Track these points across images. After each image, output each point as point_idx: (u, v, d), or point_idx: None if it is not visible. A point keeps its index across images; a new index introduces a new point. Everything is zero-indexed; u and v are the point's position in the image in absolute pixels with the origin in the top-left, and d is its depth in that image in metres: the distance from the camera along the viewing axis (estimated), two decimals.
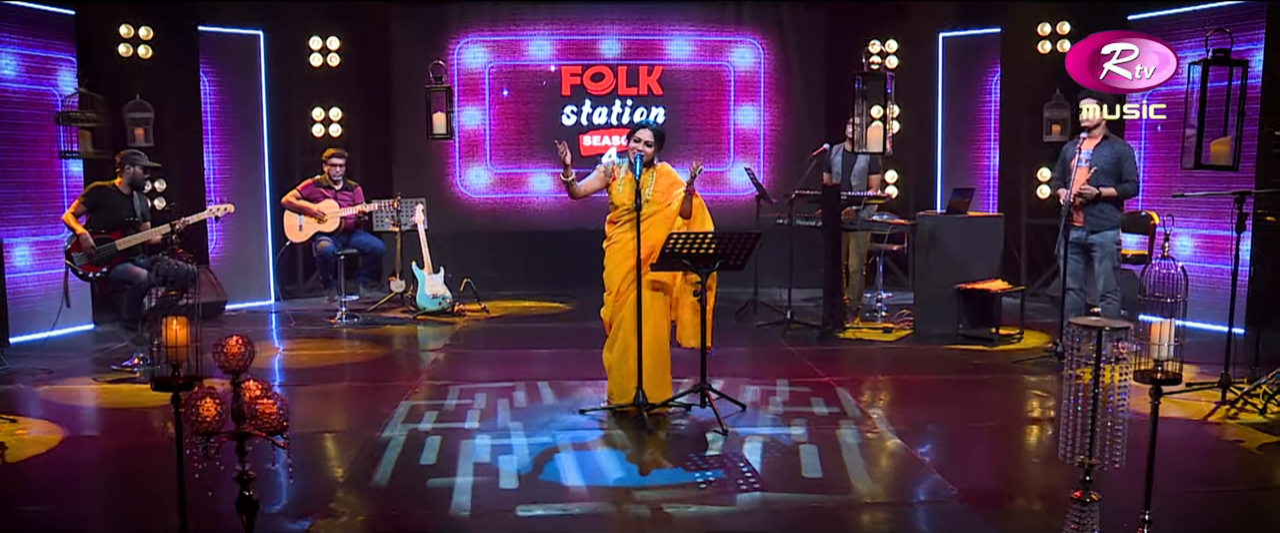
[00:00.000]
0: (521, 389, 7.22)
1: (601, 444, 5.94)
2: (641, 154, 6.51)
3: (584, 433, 6.15)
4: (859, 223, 9.48)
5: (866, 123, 8.38)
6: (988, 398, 7.19)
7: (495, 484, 5.26)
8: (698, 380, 6.45)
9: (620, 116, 12.17)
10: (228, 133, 10.95)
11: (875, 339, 9.09)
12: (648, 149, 6.56)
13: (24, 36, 9.20)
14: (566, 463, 5.58)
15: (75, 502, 5.25)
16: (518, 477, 5.36)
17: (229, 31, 10.92)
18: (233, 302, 10.79)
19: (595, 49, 12.20)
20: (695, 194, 6.54)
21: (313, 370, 8.39)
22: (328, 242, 10.08)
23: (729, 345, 8.84)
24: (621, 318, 6.53)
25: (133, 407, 6.97)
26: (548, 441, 5.98)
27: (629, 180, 6.51)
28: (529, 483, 5.28)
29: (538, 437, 6.05)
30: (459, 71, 12.05)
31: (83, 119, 9.05)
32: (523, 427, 6.26)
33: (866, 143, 8.27)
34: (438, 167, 12.15)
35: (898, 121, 11.99)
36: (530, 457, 5.68)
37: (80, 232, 8.11)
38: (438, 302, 10.35)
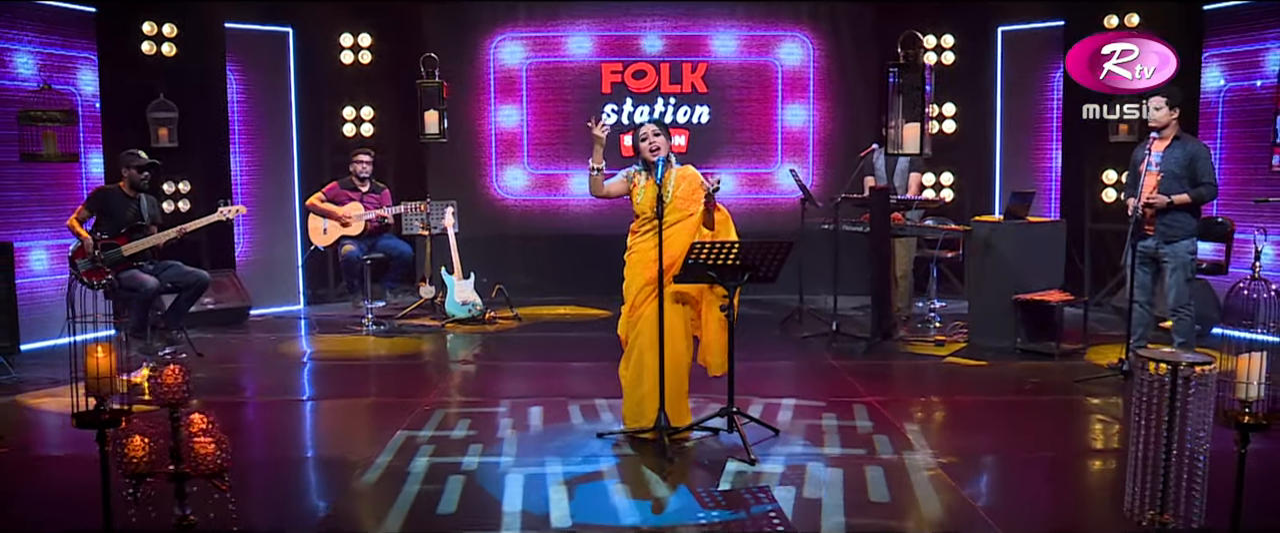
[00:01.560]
0: (539, 407, 6.76)
1: (614, 475, 5.44)
2: (662, 158, 6.00)
3: (597, 461, 5.66)
4: (907, 228, 8.88)
5: (902, 121, 7.79)
6: (1046, 424, 6.59)
7: (488, 523, 4.79)
8: (727, 401, 5.94)
9: (663, 115, 11.66)
10: (255, 133, 10.62)
11: (926, 353, 8.50)
12: (656, 141, 6.04)
13: (42, 34, 8.94)
14: (571, 497, 5.09)
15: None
16: (513, 514, 4.88)
17: (257, 28, 10.59)
18: (258, 307, 10.45)
19: (637, 45, 11.71)
20: (717, 207, 6.02)
21: (323, 381, 8.04)
22: (352, 246, 9.70)
23: (769, 358, 8.37)
24: (638, 333, 6.04)
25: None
26: (557, 471, 5.50)
27: (650, 186, 6.00)
28: (525, 522, 4.80)
29: (547, 466, 5.57)
30: (495, 69, 11.64)
31: (45, 118, 8.55)
32: (531, 453, 5.79)
33: (902, 143, 7.68)
34: (473, 168, 11.74)
35: (953, 121, 11.38)
36: (531, 489, 5.20)
37: (83, 237, 7.78)
38: (467, 309, 9.93)
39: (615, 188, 6.22)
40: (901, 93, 7.68)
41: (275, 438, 6.56)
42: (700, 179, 6.14)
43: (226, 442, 3.54)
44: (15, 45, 8.77)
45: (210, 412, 3.65)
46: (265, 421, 6.98)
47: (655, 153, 6.03)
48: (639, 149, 6.08)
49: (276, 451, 6.20)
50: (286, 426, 6.88)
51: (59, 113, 8.38)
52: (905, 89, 7.67)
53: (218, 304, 9.91)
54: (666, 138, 6.09)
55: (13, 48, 8.75)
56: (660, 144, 6.04)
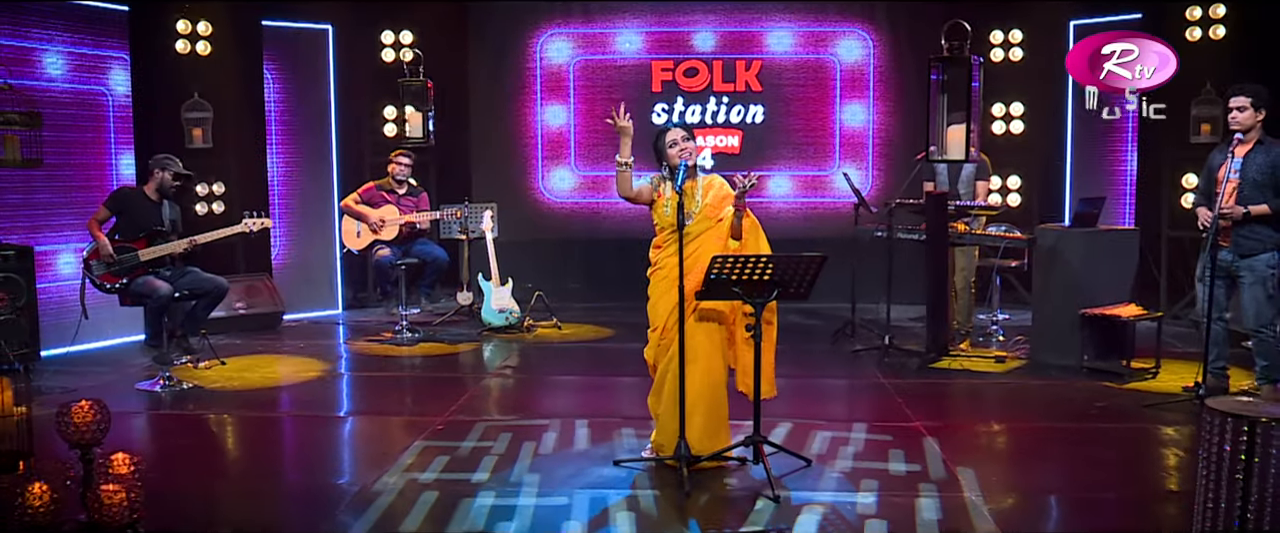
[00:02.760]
0: (555, 430, 6.33)
1: (623, 510, 4.98)
2: (685, 163, 5.54)
3: (608, 493, 5.20)
4: (966, 236, 8.30)
5: (944, 123, 7.21)
6: (1112, 456, 5.99)
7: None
8: (760, 426, 5.46)
9: (716, 115, 11.21)
10: (293, 133, 10.36)
11: (984, 371, 7.92)
12: (687, 147, 5.58)
13: (73, 33, 8.75)
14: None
15: None
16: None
17: (295, 26, 10.33)
18: (293, 312, 10.20)
19: (688, 42, 11.25)
20: (746, 212, 5.54)
21: (335, 393, 7.78)
22: (386, 251, 9.37)
23: (814, 375, 7.88)
24: (671, 358, 5.56)
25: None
26: (562, 502, 5.07)
27: (674, 199, 5.52)
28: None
29: (552, 497, 5.14)
30: (542, 67, 11.28)
31: (3, 121, 7.91)
32: (539, 482, 5.36)
33: (945, 148, 7.10)
34: (519, 169, 11.38)
35: (1021, 121, 10.73)
36: (534, 524, 4.78)
37: (100, 239, 7.53)
38: (504, 317, 9.55)
39: (643, 192, 5.77)
40: (945, 91, 7.05)
41: (266, 456, 6.27)
42: (728, 188, 5.65)
43: (139, 490, 3.15)
44: (45, 45, 8.58)
45: (137, 455, 3.27)
46: (262, 436, 6.66)
47: (682, 155, 5.57)
48: (665, 155, 5.63)
49: (261, 471, 5.90)
50: (282, 442, 6.60)
51: (17, 115, 7.78)
52: (950, 87, 7.05)
53: (250, 309, 9.66)
54: (692, 146, 5.62)
55: (41, 48, 8.56)
56: (690, 149, 5.58)
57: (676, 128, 5.66)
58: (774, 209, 11.24)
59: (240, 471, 5.98)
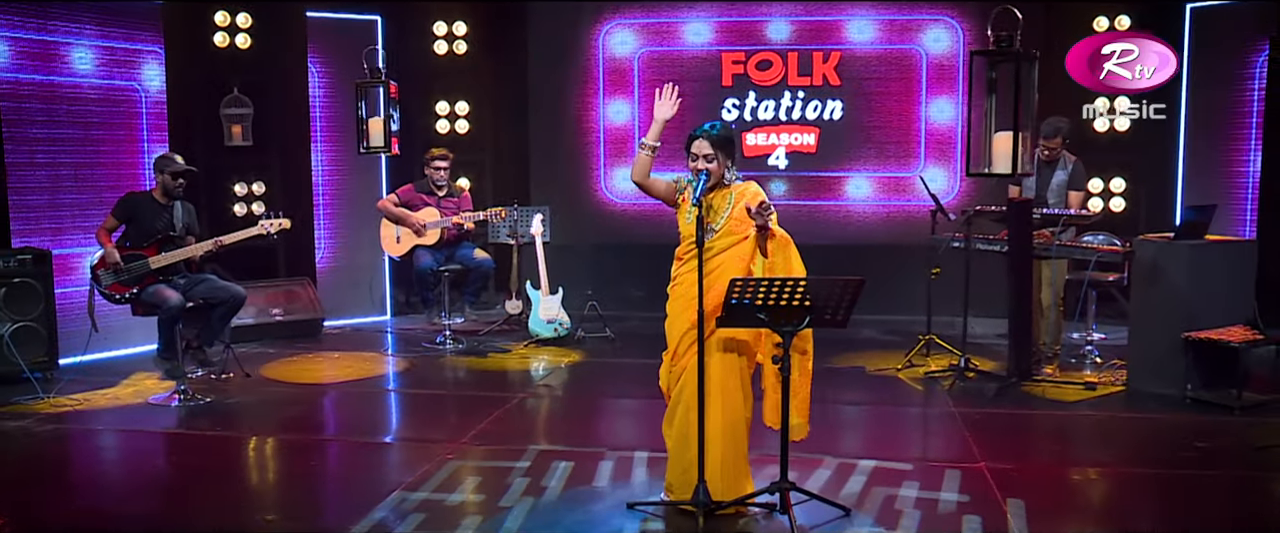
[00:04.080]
0: (568, 462, 5.66)
1: None
2: (704, 173, 4.83)
3: None
4: (1052, 248, 7.37)
5: (990, 129, 6.33)
6: (1215, 512, 5.08)
7: None
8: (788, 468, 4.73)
9: (790, 111, 10.40)
10: (339, 130, 9.85)
11: (1070, 400, 7.00)
12: (709, 165, 4.86)
13: (103, 27, 8.38)
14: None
15: None
16: None
17: (342, 17, 9.82)
18: (338, 318, 9.73)
19: (761, 32, 10.46)
20: (772, 232, 4.78)
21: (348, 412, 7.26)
22: (427, 256, 8.82)
23: (875, 402, 7.14)
24: (682, 387, 4.89)
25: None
26: None
27: (695, 210, 4.81)
28: None
29: None
30: (604, 60, 10.60)
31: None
32: (537, 528, 4.70)
33: (990, 161, 6.21)
34: (580, 168, 10.74)
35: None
36: None
37: (107, 247, 7.09)
38: (552, 327, 8.92)
39: (657, 185, 5.10)
40: (993, 91, 6.20)
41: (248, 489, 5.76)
42: (760, 197, 4.90)
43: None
44: (73, 39, 8.23)
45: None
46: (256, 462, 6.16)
47: (695, 163, 4.87)
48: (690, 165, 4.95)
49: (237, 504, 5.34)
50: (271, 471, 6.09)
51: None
52: (1001, 86, 6.18)
53: (288, 316, 9.20)
54: (726, 158, 4.90)
55: (70, 42, 8.21)
56: (708, 168, 4.86)
57: (701, 137, 4.91)
58: (853, 213, 10.40)
59: (215, 503, 5.42)
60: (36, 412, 6.86)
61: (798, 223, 10.51)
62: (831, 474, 5.42)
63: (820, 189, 10.51)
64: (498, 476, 5.48)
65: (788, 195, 10.51)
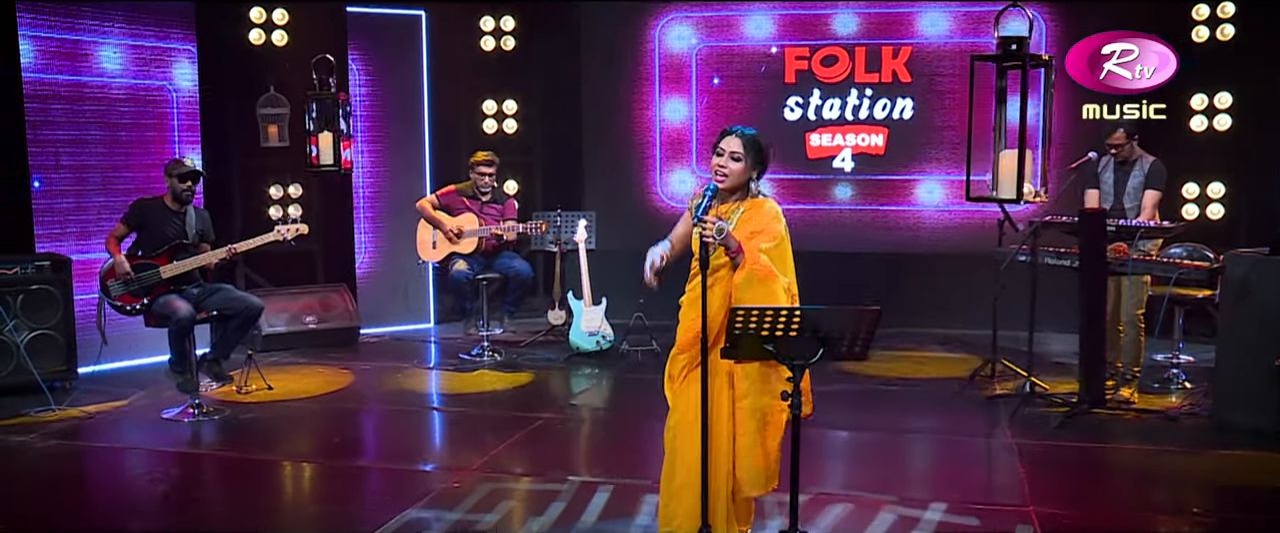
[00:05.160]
0: (567, 493, 5.16)
1: None
2: (712, 187, 4.28)
3: None
4: (1130, 263, 6.61)
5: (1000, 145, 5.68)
6: None
7: None
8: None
9: (857, 110, 9.76)
10: (381, 130, 9.52)
11: (1148, 436, 6.25)
12: (734, 164, 4.29)
13: (133, 25, 8.14)
14: None
15: None
16: None
17: (384, 12, 9.47)
18: (378, 326, 9.39)
19: (826, 26, 9.83)
20: (743, 257, 4.21)
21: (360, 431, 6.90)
22: (464, 264, 8.39)
23: (922, 431, 6.57)
24: (679, 417, 4.34)
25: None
26: None
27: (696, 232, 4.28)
28: None
29: None
30: (661, 56, 10.08)
31: None
32: None
33: (996, 182, 5.53)
34: (633, 170, 10.24)
35: (1228, 114, 8.82)
36: None
37: (116, 257, 6.78)
38: (594, 339, 8.43)
39: (681, 230, 4.57)
40: (1005, 102, 5.57)
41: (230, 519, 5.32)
42: (773, 216, 4.33)
43: None
44: (102, 37, 8.00)
45: None
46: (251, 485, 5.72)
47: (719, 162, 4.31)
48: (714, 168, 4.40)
49: None
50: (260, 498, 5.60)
51: None
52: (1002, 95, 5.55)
53: (321, 324, 8.87)
54: (754, 166, 4.32)
55: (98, 41, 7.98)
56: (729, 169, 4.30)
57: (733, 135, 4.33)
58: (925, 219, 9.73)
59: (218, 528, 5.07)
60: (44, 424, 6.63)
61: (865, 230, 9.90)
62: (847, 515, 4.83)
63: (889, 193, 9.84)
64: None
65: (853, 200, 9.89)
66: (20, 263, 7.27)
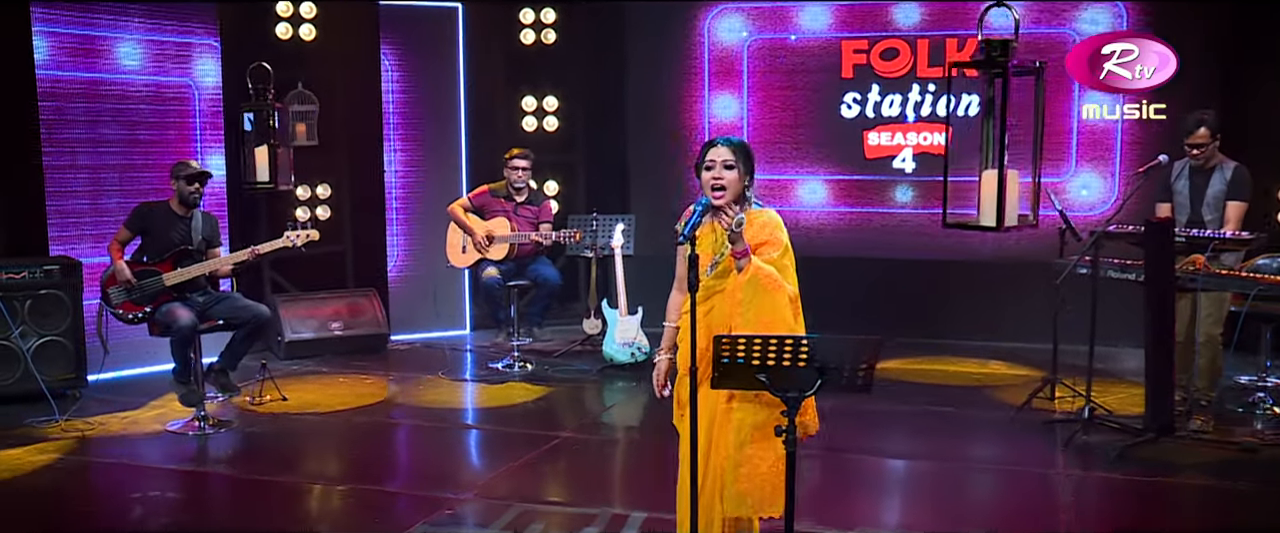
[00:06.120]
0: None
1: None
2: (703, 201, 3.79)
3: None
4: (1201, 278, 5.89)
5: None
6: None
7: None
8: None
9: (918, 107, 9.15)
10: (415, 128, 9.15)
11: (1220, 464, 5.60)
12: (727, 173, 3.80)
13: (153, 19, 7.84)
14: None
15: None
16: None
17: (418, 5, 9.08)
18: (410, 332, 9.04)
19: (886, 17, 9.22)
20: (748, 262, 3.74)
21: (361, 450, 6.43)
22: (494, 270, 7.97)
23: (962, 455, 6.11)
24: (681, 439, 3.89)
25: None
26: None
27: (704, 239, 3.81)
28: None
29: None
30: (710, 49, 9.56)
31: None
32: None
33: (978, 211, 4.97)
34: (681, 170, 9.69)
35: None
36: None
37: (118, 263, 6.46)
38: (629, 351, 7.95)
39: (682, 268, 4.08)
40: (991, 114, 5.53)
41: None
42: (773, 226, 3.84)
43: None
44: (120, 32, 7.71)
45: None
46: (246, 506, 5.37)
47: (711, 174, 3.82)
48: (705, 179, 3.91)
49: None
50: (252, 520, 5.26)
51: None
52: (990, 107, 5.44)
53: (348, 330, 8.52)
54: (745, 175, 3.85)
55: (116, 36, 7.69)
56: (725, 179, 3.80)
57: (720, 145, 3.85)
58: None
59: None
60: (45, 436, 6.36)
61: (927, 235, 9.26)
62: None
63: (951, 196, 9.16)
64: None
65: (914, 203, 9.26)
66: (28, 267, 7.05)
